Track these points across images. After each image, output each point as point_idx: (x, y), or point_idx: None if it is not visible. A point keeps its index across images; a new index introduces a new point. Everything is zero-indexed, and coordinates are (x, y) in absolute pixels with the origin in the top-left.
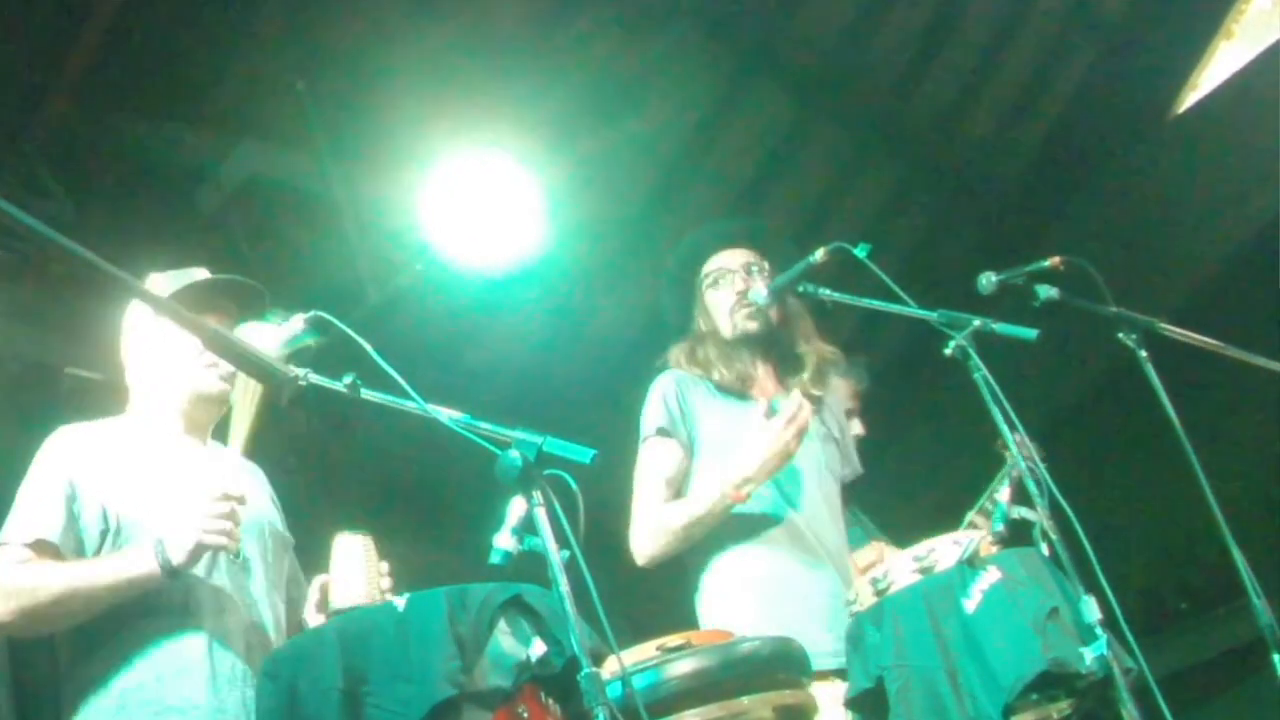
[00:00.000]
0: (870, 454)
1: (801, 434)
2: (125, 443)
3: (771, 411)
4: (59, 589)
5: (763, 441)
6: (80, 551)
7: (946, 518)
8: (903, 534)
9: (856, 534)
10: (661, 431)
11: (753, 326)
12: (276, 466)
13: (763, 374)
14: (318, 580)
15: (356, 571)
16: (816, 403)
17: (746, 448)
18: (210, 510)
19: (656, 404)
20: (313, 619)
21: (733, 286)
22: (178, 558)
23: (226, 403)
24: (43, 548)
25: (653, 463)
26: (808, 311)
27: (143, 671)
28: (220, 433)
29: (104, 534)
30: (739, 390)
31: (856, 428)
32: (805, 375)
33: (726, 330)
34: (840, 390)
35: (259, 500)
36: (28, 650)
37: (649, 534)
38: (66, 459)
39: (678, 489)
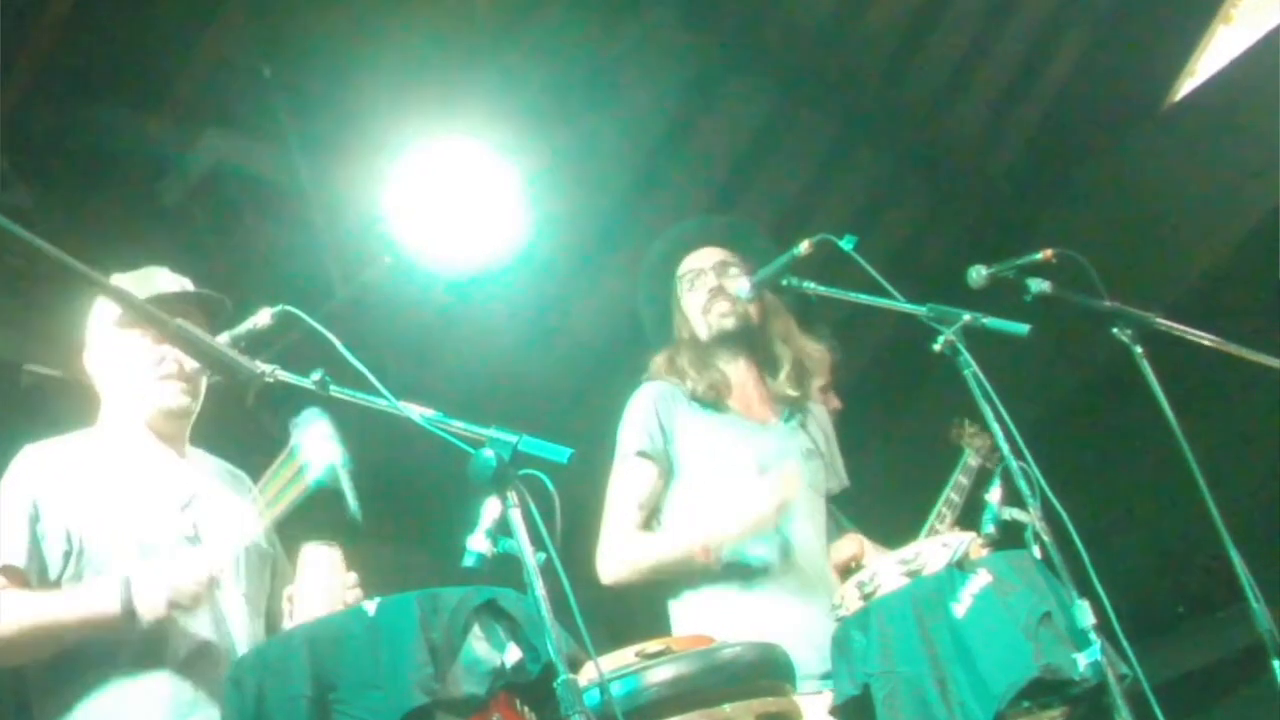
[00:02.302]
0: (856, 453)
1: (784, 508)
2: (92, 459)
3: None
4: (26, 623)
5: (742, 515)
6: (45, 574)
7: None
8: (890, 536)
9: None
10: (640, 454)
11: (729, 324)
12: (243, 467)
13: (744, 377)
14: (285, 592)
15: (321, 585)
16: (797, 406)
17: (729, 513)
18: (186, 583)
19: (635, 422)
20: None
21: (705, 285)
22: (143, 611)
23: (191, 415)
24: (10, 573)
25: (627, 484)
26: (788, 309)
27: (105, 703)
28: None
29: (66, 555)
30: (714, 400)
31: (834, 401)
32: (781, 375)
33: (702, 331)
34: (821, 363)
35: (239, 511)
36: None
37: (617, 562)
38: (30, 480)
39: (650, 513)
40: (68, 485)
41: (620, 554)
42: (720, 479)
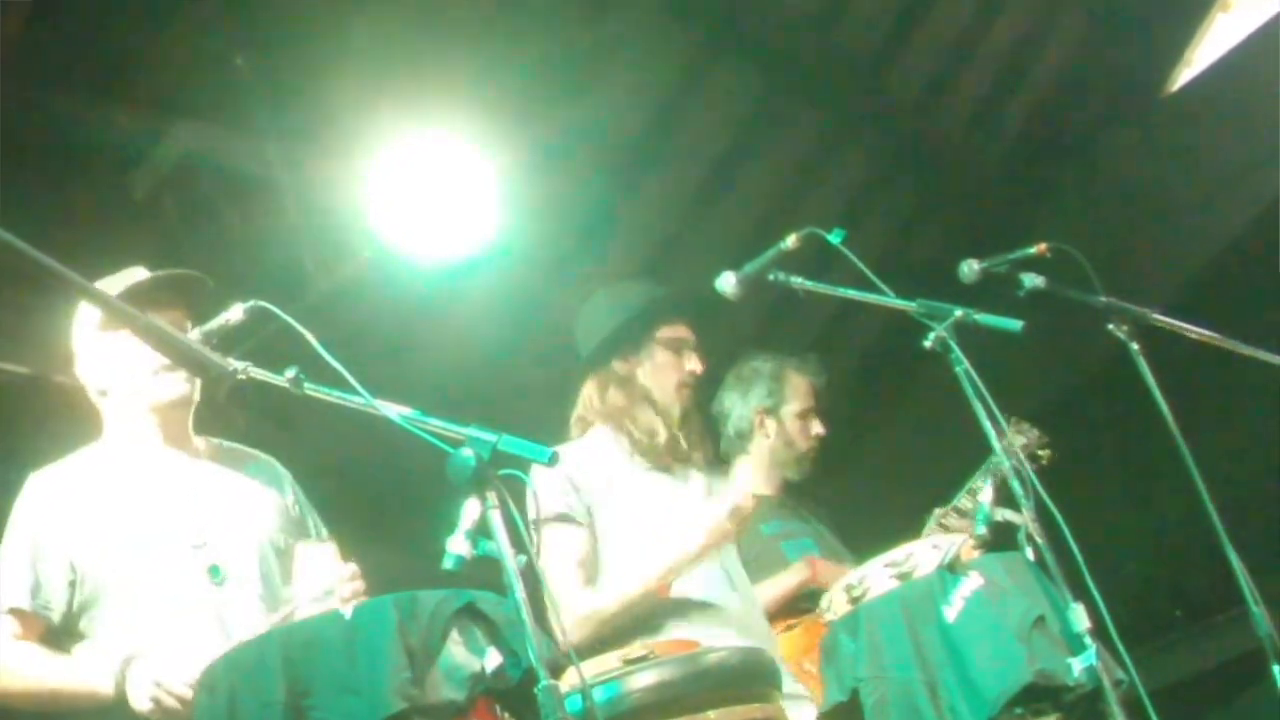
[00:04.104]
0: (844, 454)
1: (743, 525)
2: (95, 480)
3: (712, 493)
4: (30, 685)
5: (704, 527)
6: (49, 609)
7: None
8: (879, 540)
9: (804, 545)
10: (563, 518)
11: (689, 409)
12: None
13: (668, 434)
14: (284, 593)
15: (319, 581)
16: (686, 456)
17: (681, 536)
18: (176, 691)
19: (548, 487)
20: None
21: (688, 364)
22: (133, 702)
23: (192, 403)
24: (18, 615)
25: (561, 548)
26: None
27: None
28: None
29: (71, 584)
30: (643, 448)
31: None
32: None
33: (668, 401)
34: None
35: (255, 506)
36: None
37: (580, 621)
38: (33, 515)
39: (590, 571)
40: (69, 513)
41: (580, 611)
42: (644, 528)
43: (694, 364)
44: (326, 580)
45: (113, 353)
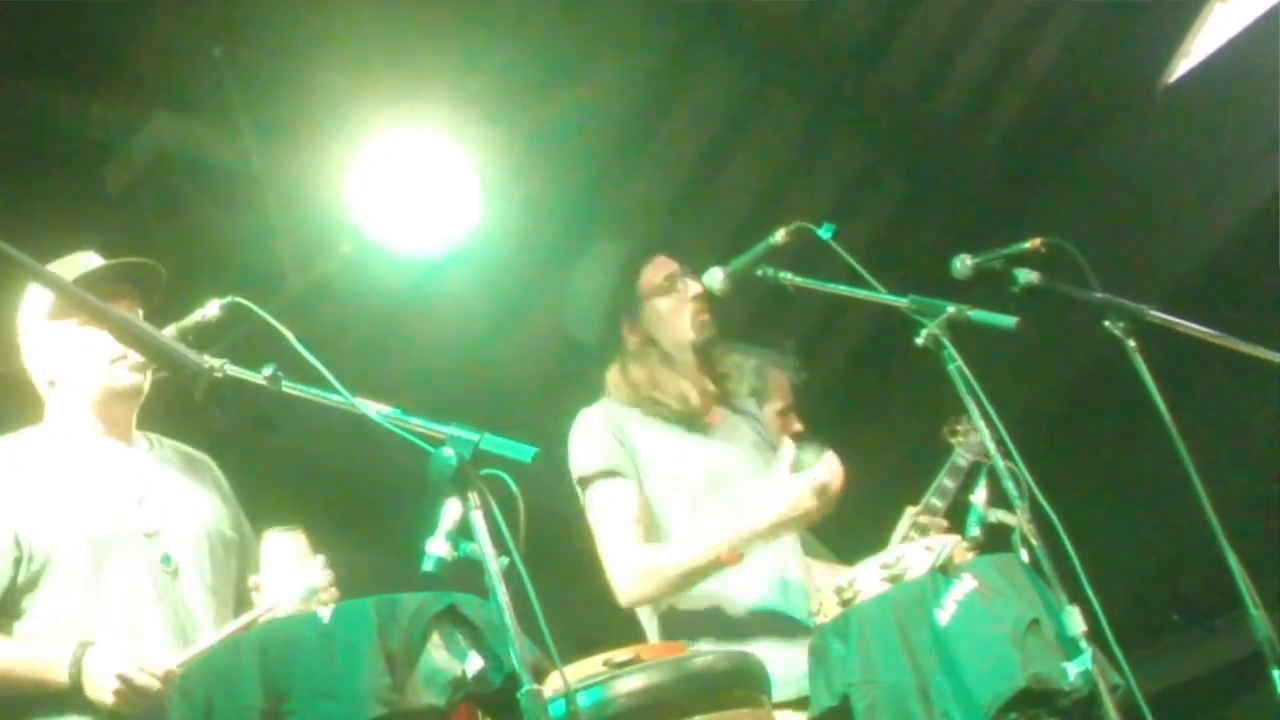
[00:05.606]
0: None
1: (830, 505)
2: (38, 458)
3: (799, 465)
4: None
5: (784, 501)
6: None
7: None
8: (871, 542)
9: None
10: (611, 472)
11: (712, 331)
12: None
13: (701, 388)
14: (251, 581)
15: (287, 571)
16: (747, 414)
17: (764, 500)
18: (142, 682)
19: (592, 441)
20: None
21: (688, 290)
22: (89, 693)
23: (141, 395)
24: None
25: (613, 504)
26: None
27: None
28: (147, 422)
29: (17, 561)
30: (679, 415)
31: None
32: (731, 385)
33: (686, 337)
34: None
35: (200, 498)
36: None
37: (638, 576)
38: None
39: (647, 527)
40: (13, 488)
41: (641, 566)
42: (695, 489)
43: (693, 288)
44: (309, 578)
45: (65, 341)
